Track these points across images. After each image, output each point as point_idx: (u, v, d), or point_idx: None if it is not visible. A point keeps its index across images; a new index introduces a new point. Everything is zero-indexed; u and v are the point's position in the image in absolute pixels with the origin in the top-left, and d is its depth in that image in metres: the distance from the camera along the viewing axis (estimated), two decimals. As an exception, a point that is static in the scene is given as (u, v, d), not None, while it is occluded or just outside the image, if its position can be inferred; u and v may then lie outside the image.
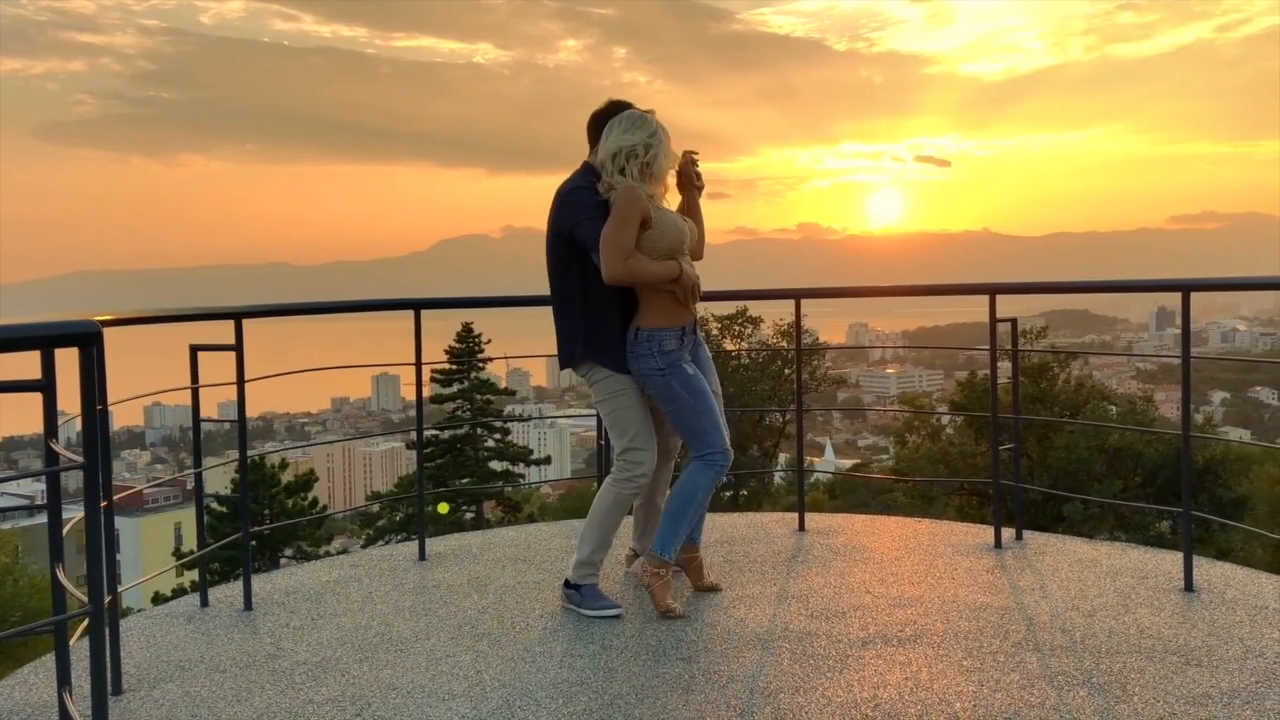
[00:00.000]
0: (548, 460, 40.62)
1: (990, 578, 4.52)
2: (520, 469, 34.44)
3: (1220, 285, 4.24)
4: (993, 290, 4.86)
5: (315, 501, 30.33)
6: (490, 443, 33.09)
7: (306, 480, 30.04)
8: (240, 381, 4.29)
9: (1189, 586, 4.27)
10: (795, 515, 5.60)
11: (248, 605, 4.41)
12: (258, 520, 28.35)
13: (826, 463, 72.73)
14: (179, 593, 17.92)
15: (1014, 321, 5.06)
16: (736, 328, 35.53)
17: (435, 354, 35.03)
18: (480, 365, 33.22)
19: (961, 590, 4.34)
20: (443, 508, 29.64)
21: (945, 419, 34.00)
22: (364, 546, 29.34)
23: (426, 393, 5.76)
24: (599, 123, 4.25)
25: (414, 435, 5.26)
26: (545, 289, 4.27)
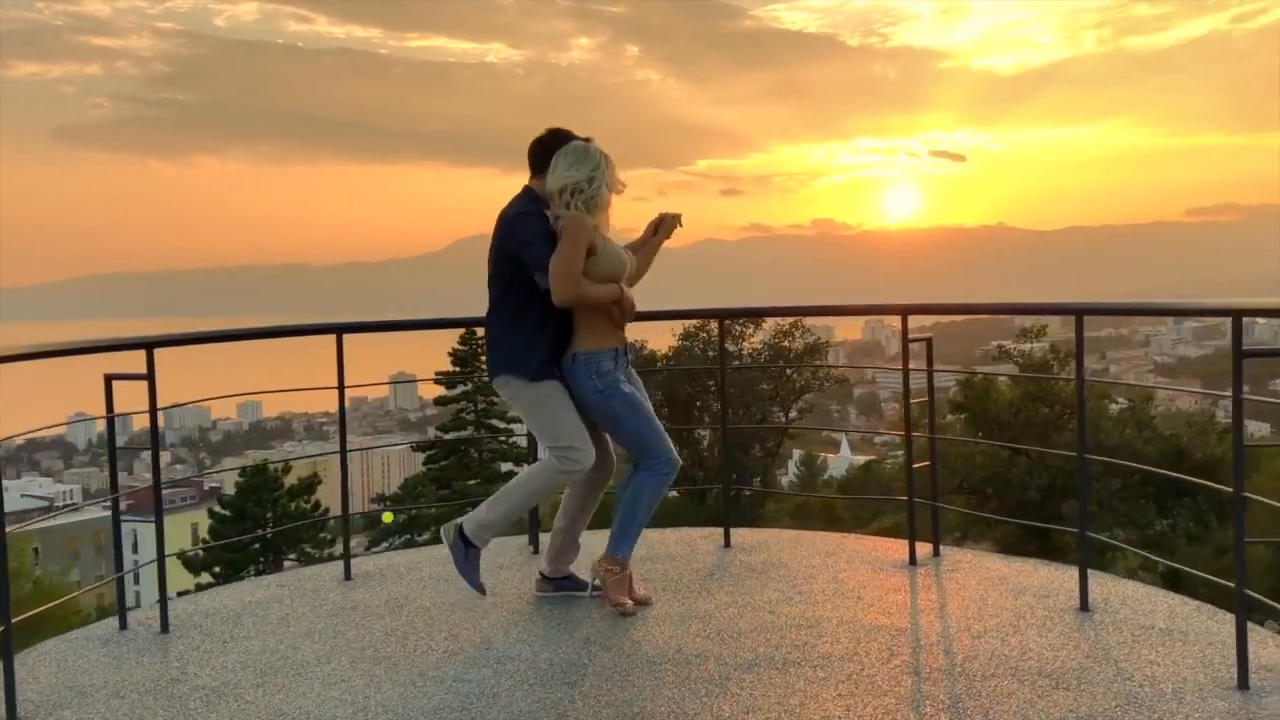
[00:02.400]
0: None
1: (895, 597, 4.59)
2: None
3: (1112, 310, 4.29)
4: (905, 311, 4.93)
5: (318, 505, 30.56)
6: (494, 444, 33.23)
7: (309, 483, 30.24)
8: (153, 410, 4.39)
9: (1084, 606, 4.32)
10: (723, 531, 5.67)
11: (164, 628, 4.51)
12: (262, 524, 28.61)
13: (842, 459, 72.67)
14: (204, 587, 18.08)
15: (929, 341, 5.11)
16: (738, 328, 35.50)
17: (439, 356, 35.21)
18: (482, 368, 33.31)
19: (862, 610, 4.40)
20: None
21: (949, 417, 33.99)
22: (366, 549, 29.51)
23: (435, 394, 5.77)
24: (540, 150, 4.46)
25: (425, 438, 5.35)
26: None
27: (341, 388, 5.09)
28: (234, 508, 29.06)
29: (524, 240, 4.27)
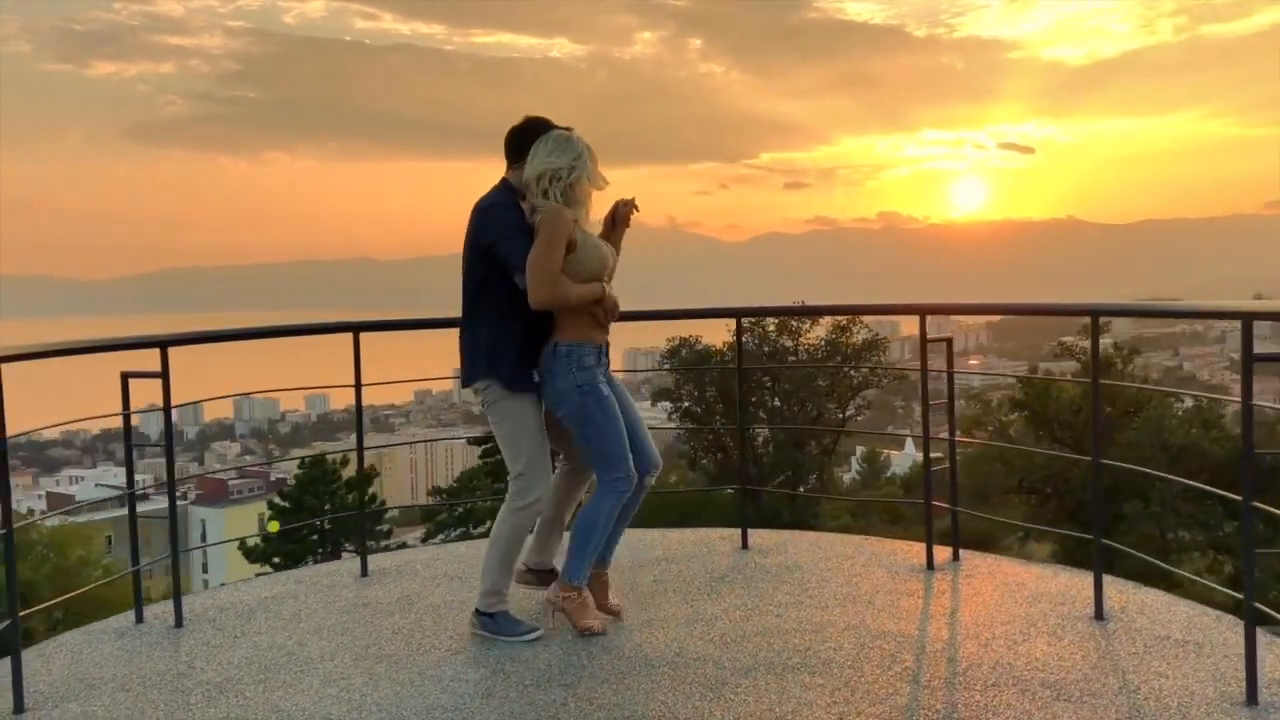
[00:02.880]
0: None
1: (906, 602, 4.51)
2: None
3: (1125, 312, 4.17)
4: (922, 310, 4.84)
5: (374, 497, 30.87)
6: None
7: (367, 475, 30.58)
8: (167, 407, 4.46)
9: (1099, 615, 4.21)
10: (740, 531, 5.62)
11: (178, 622, 4.58)
12: (318, 514, 29.03)
13: (905, 456, 71.87)
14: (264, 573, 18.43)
15: (948, 341, 5.02)
16: (793, 324, 35.27)
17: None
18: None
19: (870, 615, 4.34)
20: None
21: (1013, 415, 33.47)
22: (423, 541, 29.85)
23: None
24: (515, 140, 4.26)
25: (469, 435, 5.37)
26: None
27: (359, 386, 5.12)
28: (293, 499, 29.56)
29: (500, 235, 4.07)
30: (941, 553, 5.18)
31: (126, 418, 4.50)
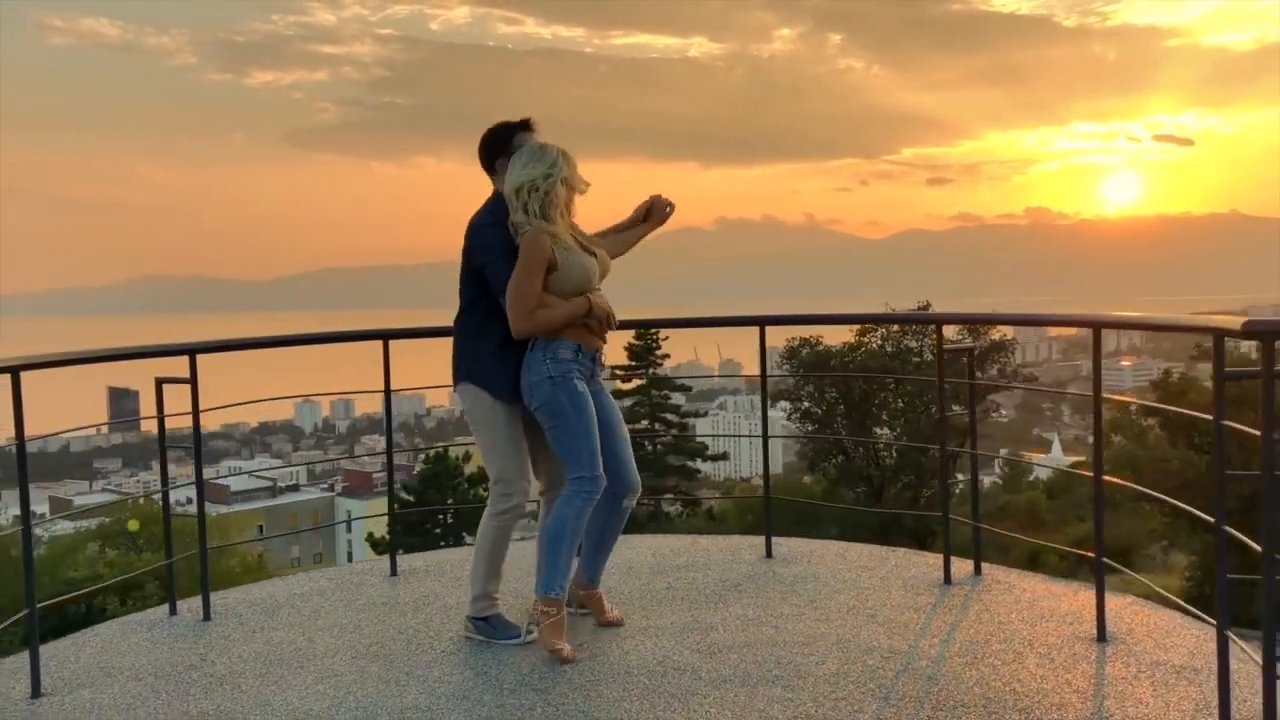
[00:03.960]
0: (724, 456, 40.73)
1: (908, 617, 4.43)
2: (697, 464, 34.72)
3: (1125, 325, 4.01)
4: (940, 320, 4.77)
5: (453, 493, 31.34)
6: (668, 437, 33.51)
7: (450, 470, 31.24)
8: (195, 411, 4.70)
9: (1101, 636, 4.07)
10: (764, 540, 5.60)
11: (206, 616, 4.83)
12: (441, 507, 29.85)
13: (1051, 458, 69.72)
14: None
15: (970, 350, 4.90)
16: (915, 326, 34.52)
17: (615, 350, 35.73)
18: (658, 361, 33.68)
19: (868, 630, 4.28)
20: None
21: (1149, 420, 32.12)
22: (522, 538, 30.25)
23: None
24: (484, 151, 4.32)
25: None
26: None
27: (388, 391, 5.30)
28: (416, 493, 30.48)
29: (488, 259, 4.15)
30: (965, 567, 5.08)
31: (161, 420, 4.76)
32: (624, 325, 4.52)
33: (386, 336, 5.24)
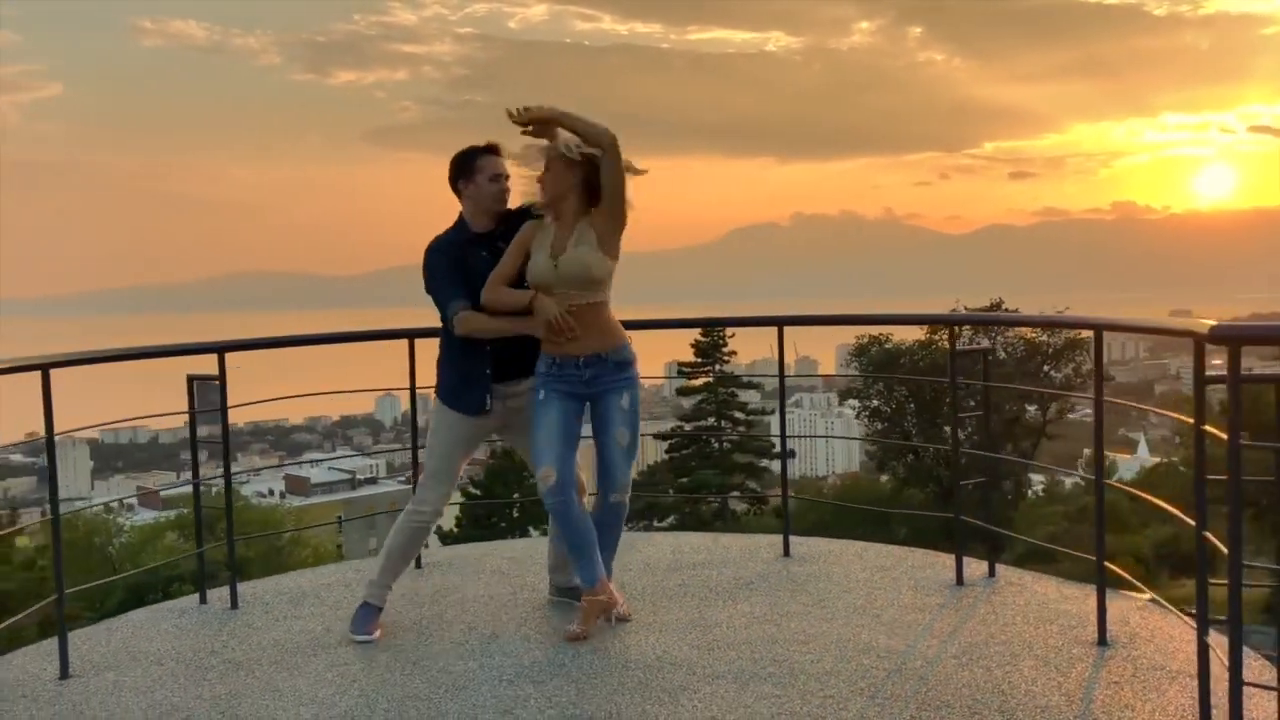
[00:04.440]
0: (792, 454, 40.48)
1: (912, 617, 4.44)
2: (764, 463, 34.59)
3: (1129, 328, 3.98)
4: (952, 321, 4.77)
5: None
6: (734, 435, 33.48)
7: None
8: (224, 408, 4.89)
9: (1102, 640, 4.05)
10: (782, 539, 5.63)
11: (234, 604, 5.01)
12: (508, 502, 30.24)
13: (1133, 460, 68.10)
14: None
15: (985, 352, 4.89)
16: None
17: (682, 347, 35.79)
18: (724, 359, 33.64)
19: (869, 629, 4.30)
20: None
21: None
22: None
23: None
24: (451, 170, 4.48)
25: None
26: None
27: (414, 389, 5.44)
28: (484, 488, 30.87)
29: (427, 283, 4.39)
30: (980, 568, 5.07)
31: (192, 417, 4.95)
32: (629, 325, 4.59)
33: (412, 335, 5.37)
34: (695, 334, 33.54)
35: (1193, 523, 3.20)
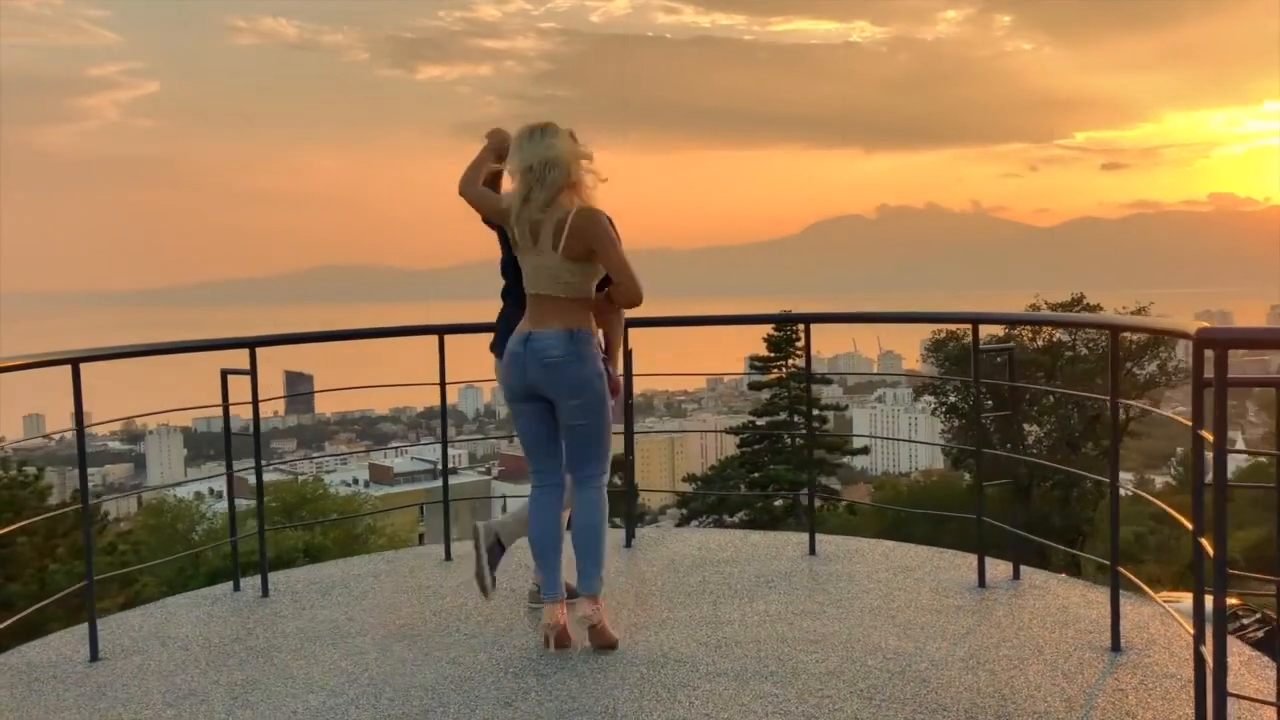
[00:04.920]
0: (865, 451, 40.11)
1: (927, 619, 4.40)
2: (842, 459, 34.31)
3: (1140, 328, 3.88)
4: (975, 320, 4.70)
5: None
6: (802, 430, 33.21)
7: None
8: (255, 401, 5.03)
9: (1115, 646, 3.97)
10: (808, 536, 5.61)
11: (264, 592, 5.16)
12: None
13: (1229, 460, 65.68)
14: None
15: (1011, 351, 4.81)
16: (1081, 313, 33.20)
17: (754, 341, 35.64)
18: (797, 353, 33.37)
19: (882, 631, 4.27)
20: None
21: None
22: (676, 525, 30.58)
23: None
24: None
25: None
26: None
27: (443, 385, 5.53)
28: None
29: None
30: (1007, 569, 4.99)
31: (226, 409, 5.10)
32: (649, 323, 4.62)
33: (441, 331, 5.46)
34: (768, 329, 33.39)
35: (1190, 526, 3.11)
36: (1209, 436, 2.85)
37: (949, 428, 35.80)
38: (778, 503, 31.46)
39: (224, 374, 5.01)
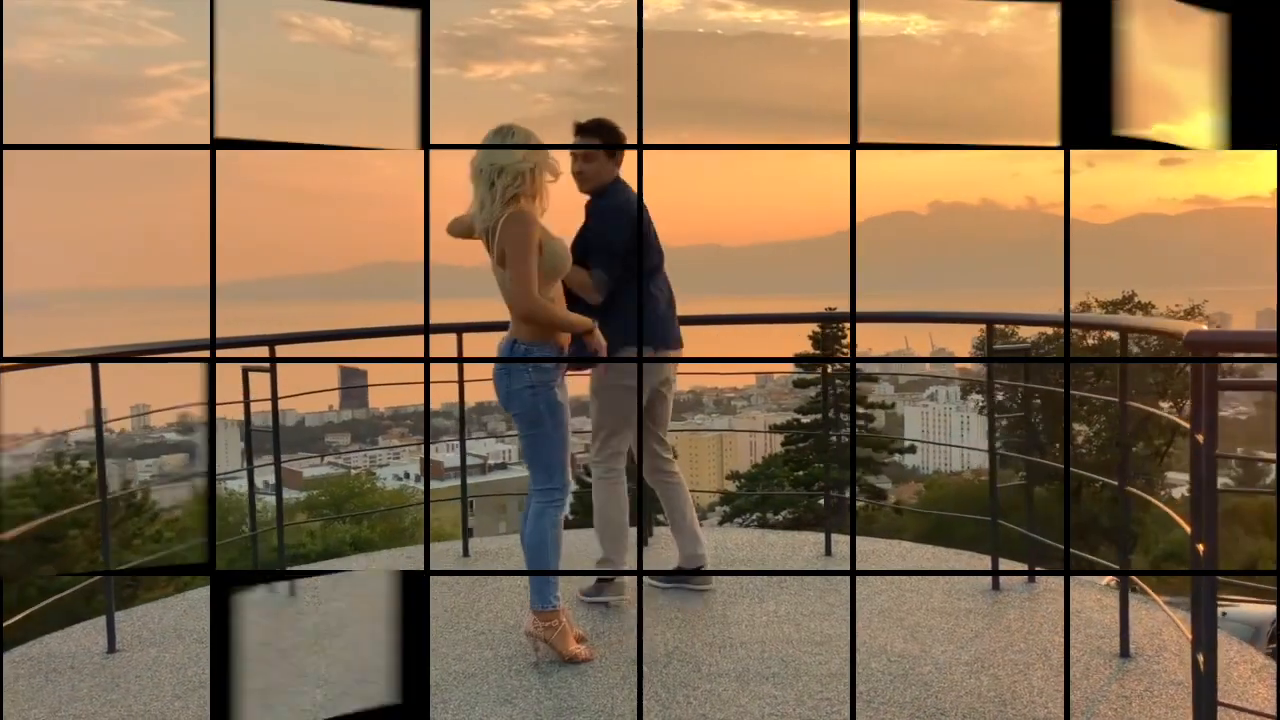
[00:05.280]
0: (911, 449, 39.74)
1: (936, 622, 4.36)
2: (891, 457, 34.06)
3: (1149, 330, 3.81)
4: (989, 320, 4.65)
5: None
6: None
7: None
8: (274, 397, 5.10)
9: (1124, 651, 3.91)
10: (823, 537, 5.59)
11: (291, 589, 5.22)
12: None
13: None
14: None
15: (1025, 352, 4.75)
16: (1123, 313, 32.70)
17: (803, 339, 35.43)
18: (842, 350, 33.19)
19: (889, 632, 4.24)
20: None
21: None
22: (720, 524, 30.53)
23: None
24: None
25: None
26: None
27: (461, 383, 5.57)
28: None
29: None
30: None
31: (246, 405, 5.18)
32: (696, 321, 4.63)
33: (460, 330, 5.50)
34: (813, 327, 33.17)
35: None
36: (1200, 439, 2.80)
37: (999, 426, 35.39)
38: (821, 501, 31.27)
39: (244, 371, 5.09)
